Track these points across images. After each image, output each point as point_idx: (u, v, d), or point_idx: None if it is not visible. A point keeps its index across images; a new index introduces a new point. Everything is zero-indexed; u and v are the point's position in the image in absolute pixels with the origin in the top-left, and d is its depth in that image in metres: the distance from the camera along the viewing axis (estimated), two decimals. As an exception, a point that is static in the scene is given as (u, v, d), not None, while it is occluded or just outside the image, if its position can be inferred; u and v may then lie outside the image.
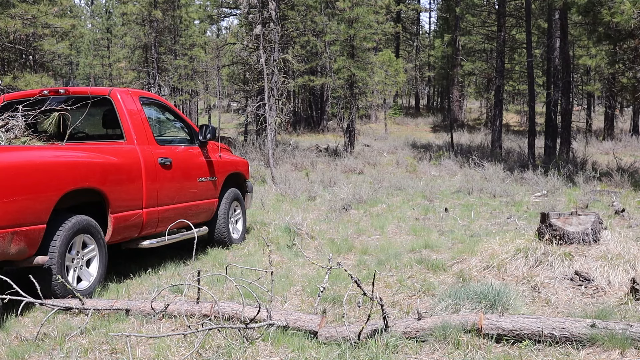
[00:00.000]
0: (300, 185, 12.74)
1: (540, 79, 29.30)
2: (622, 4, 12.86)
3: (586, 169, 14.21)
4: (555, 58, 18.68)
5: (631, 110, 31.02)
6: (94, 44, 50.78)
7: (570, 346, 3.96)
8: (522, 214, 9.56)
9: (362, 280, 5.46)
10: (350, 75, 21.77)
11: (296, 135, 31.42)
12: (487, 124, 32.93)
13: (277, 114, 19.84)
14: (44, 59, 22.66)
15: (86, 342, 4.29)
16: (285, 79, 22.32)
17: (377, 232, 8.55)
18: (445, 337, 4.06)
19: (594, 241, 5.69)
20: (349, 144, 22.18)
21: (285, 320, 4.39)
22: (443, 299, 4.85)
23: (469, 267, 5.89)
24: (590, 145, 22.90)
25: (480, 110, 43.20)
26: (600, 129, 30.74)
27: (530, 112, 19.50)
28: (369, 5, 22.63)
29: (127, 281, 6.02)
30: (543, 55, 26.49)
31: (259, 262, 6.54)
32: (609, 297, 5.02)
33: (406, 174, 16.14)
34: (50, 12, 18.78)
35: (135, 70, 32.77)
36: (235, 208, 7.89)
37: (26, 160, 4.93)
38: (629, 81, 19.39)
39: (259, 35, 18.52)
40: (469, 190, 12.50)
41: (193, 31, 33.92)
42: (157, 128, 7.33)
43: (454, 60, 33.95)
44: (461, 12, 29.79)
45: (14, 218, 4.64)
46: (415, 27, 50.89)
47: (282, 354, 4.06)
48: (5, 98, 6.55)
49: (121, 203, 5.72)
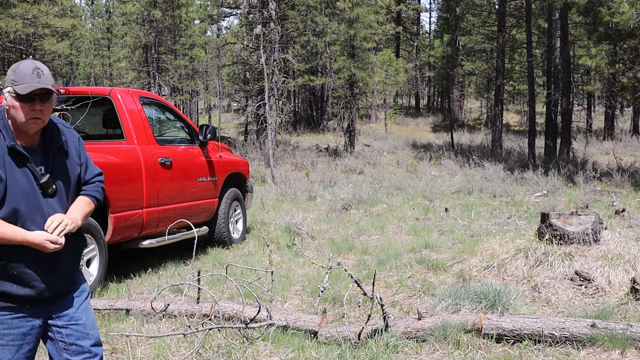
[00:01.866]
0: (301, 185, 12.74)
1: (541, 78, 29.30)
2: (622, 5, 12.86)
3: (586, 169, 14.21)
4: (555, 58, 18.68)
5: (631, 110, 31.02)
6: (94, 44, 50.82)
7: (571, 346, 3.96)
8: (522, 214, 9.56)
9: (362, 280, 5.46)
10: (350, 75, 21.77)
11: (296, 135, 31.42)
12: (487, 124, 32.93)
13: (277, 114, 19.84)
14: (44, 59, 22.66)
15: (86, 341, 4.28)
16: (286, 79, 22.32)
17: (377, 232, 8.55)
18: (445, 337, 4.06)
19: (594, 241, 5.69)
20: (349, 144, 22.18)
21: (285, 320, 4.39)
22: (443, 299, 4.85)
23: (469, 267, 5.89)
24: (591, 145, 22.89)
25: (480, 110, 43.21)
26: (601, 129, 30.74)
27: (531, 112, 19.50)
28: (369, 5, 22.63)
29: (127, 281, 6.02)
30: (543, 55, 26.49)
31: (259, 262, 6.54)
32: (609, 297, 5.02)
33: (406, 174, 16.14)
34: (50, 12, 18.77)
35: (135, 70, 32.78)
36: (235, 208, 7.89)
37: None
38: (629, 81, 19.38)
39: (259, 35, 18.52)
40: (469, 190, 12.50)
41: (193, 31, 33.92)
42: (158, 128, 7.33)
43: (454, 60, 33.96)
44: (461, 12, 29.80)
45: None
46: (416, 27, 50.89)
47: (282, 353, 4.06)
48: (6, 98, 6.55)
49: (121, 203, 5.72)
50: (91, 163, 2.72)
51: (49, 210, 2.45)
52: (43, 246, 2.38)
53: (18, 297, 2.40)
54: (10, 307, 2.41)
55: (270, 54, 20.23)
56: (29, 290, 2.41)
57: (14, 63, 2.57)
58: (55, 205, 2.49)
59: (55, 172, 2.51)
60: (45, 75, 2.44)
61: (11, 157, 2.39)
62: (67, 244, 2.47)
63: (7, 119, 2.45)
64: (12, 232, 2.35)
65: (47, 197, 2.46)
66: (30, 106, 2.40)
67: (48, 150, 2.52)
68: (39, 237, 2.37)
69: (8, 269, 2.38)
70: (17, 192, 2.38)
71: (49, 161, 2.50)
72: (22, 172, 2.40)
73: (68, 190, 2.57)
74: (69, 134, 2.64)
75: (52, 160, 2.51)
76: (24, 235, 2.36)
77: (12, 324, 2.42)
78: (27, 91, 2.37)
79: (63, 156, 2.57)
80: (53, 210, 2.46)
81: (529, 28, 19.68)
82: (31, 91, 2.38)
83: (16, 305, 2.41)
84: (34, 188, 2.42)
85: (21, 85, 2.39)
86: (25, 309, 2.44)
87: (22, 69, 2.42)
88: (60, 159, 2.55)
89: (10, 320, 2.41)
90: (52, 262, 2.46)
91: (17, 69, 2.43)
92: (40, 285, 2.43)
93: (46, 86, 2.41)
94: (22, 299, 2.41)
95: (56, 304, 2.53)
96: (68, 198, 2.57)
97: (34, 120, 2.43)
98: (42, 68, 2.45)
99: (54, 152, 2.53)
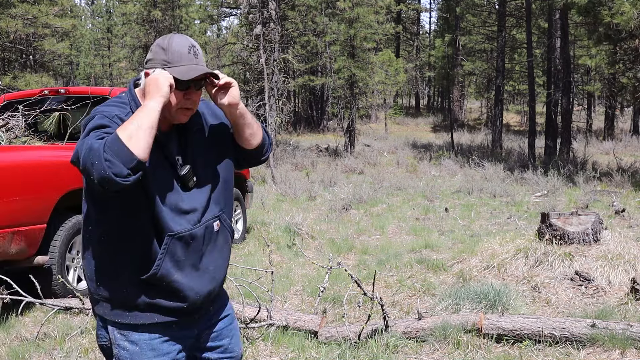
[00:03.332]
0: (301, 185, 12.74)
1: (541, 79, 29.28)
2: (622, 5, 12.85)
3: (586, 169, 14.21)
4: (555, 58, 18.67)
5: (631, 110, 31.01)
6: (95, 44, 50.80)
7: (571, 346, 3.96)
8: (523, 214, 9.55)
9: (363, 280, 5.46)
10: (350, 75, 21.77)
11: (296, 135, 31.40)
12: (488, 124, 32.90)
13: (277, 114, 19.83)
14: (44, 59, 22.67)
15: (86, 341, 4.29)
16: (286, 79, 22.30)
17: (377, 232, 8.55)
18: (445, 337, 4.06)
19: (594, 241, 5.69)
20: (349, 144, 22.17)
21: (285, 320, 4.39)
22: (443, 298, 4.86)
23: (469, 267, 5.89)
24: (591, 145, 22.87)
25: (480, 110, 43.19)
26: (601, 129, 30.72)
27: (531, 112, 19.49)
28: (370, 5, 22.61)
29: (127, 281, 6.01)
30: (543, 55, 26.49)
31: (259, 262, 6.54)
32: (609, 297, 5.02)
33: (406, 174, 16.13)
34: (50, 12, 18.79)
35: (135, 70, 32.76)
36: (235, 208, 7.89)
37: (26, 160, 4.93)
38: (629, 81, 19.38)
39: (259, 35, 18.52)
40: (469, 190, 12.49)
41: (193, 31, 33.91)
42: (158, 128, 7.31)
43: (454, 60, 33.93)
44: (461, 12, 29.77)
45: (15, 218, 4.64)
46: (416, 27, 50.86)
47: (282, 354, 4.06)
48: (6, 98, 6.55)
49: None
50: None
51: (190, 205, 2.06)
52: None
53: (169, 310, 2.06)
54: (161, 324, 2.06)
55: (270, 54, 20.23)
56: (178, 303, 2.06)
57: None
58: (199, 199, 2.08)
59: (196, 160, 2.09)
60: (201, 55, 2.03)
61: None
62: (216, 232, 2.12)
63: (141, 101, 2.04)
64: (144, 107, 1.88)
65: (186, 190, 2.06)
66: (184, 94, 2.00)
67: (185, 136, 2.10)
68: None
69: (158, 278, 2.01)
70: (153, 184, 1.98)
71: (187, 149, 2.09)
72: (155, 159, 1.97)
73: (213, 178, 2.13)
74: (203, 105, 2.20)
75: (191, 146, 2.10)
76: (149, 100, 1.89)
77: (162, 349, 2.07)
78: (189, 77, 1.95)
79: (203, 135, 2.14)
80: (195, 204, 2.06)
81: (529, 28, 19.67)
82: (195, 77, 1.97)
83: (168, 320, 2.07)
84: (169, 179, 2.03)
85: (178, 68, 1.96)
86: (172, 330, 2.09)
87: (176, 46, 1.98)
88: (199, 141, 2.12)
89: (160, 344, 2.07)
90: (197, 260, 2.08)
91: (169, 47, 1.99)
92: (191, 294, 2.06)
93: (208, 70, 2.01)
94: (172, 311, 2.06)
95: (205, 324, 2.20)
96: (212, 189, 2.12)
97: (184, 110, 2.03)
98: (196, 45, 2.02)
99: (192, 135, 2.11)
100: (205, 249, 2.09)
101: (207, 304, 2.17)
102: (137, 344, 2.04)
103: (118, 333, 2.06)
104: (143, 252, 2.01)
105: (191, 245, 2.05)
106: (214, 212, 2.12)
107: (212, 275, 2.13)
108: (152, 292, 2.03)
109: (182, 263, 2.03)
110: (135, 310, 2.04)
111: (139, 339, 2.04)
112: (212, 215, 2.12)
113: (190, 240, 2.04)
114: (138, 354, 2.04)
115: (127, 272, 2.02)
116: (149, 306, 2.04)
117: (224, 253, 2.19)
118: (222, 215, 2.16)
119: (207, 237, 2.10)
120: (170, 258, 2.01)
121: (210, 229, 2.10)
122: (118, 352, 2.07)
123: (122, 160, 1.75)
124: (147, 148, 1.81)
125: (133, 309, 2.04)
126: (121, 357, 2.07)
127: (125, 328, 2.05)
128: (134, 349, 2.04)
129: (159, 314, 2.05)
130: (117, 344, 2.06)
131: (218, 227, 2.14)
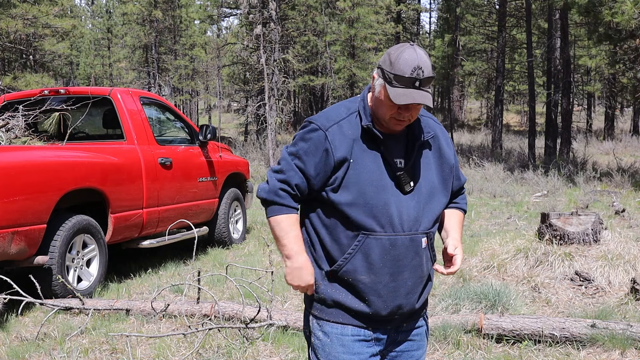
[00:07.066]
0: (301, 185, 12.72)
1: (541, 79, 29.28)
2: (623, 4, 12.85)
3: (586, 169, 14.21)
4: (555, 58, 18.67)
5: (631, 110, 31.02)
6: (95, 44, 50.79)
7: (571, 346, 3.96)
8: (523, 214, 9.55)
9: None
10: (350, 75, 21.78)
11: (296, 135, 31.38)
12: (488, 124, 32.92)
13: (277, 114, 19.84)
14: (45, 59, 22.66)
15: (86, 342, 4.29)
16: (286, 79, 22.30)
17: (377, 232, 8.54)
18: (445, 337, 4.06)
19: (594, 241, 5.69)
20: (350, 144, 22.16)
21: (285, 320, 4.39)
22: (443, 299, 4.86)
23: (469, 267, 5.89)
24: (591, 146, 22.87)
25: (480, 110, 43.19)
26: (601, 129, 30.72)
27: (531, 112, 19.49)
28: (370, 5, 22.63)
29: (127, 281, 6.02)
30: (543, 55, 26.47)
31: (259, 262, 6.54)
32: (609, 297, 5.02)
33: (406, 174, 16.10)
34: (50, 12, 18.78)
35: (135, 70, 32.78)
36: (235, 208, 7.89)
37: (27, 160, 4.94)
38: (629, 81, 19.40)
39: (259, 35, 18.52)
40: (469, 190, 12.49)
41: (193, 31, 33.92)
42: (158, 128, 7.34)
43: (454, 60, 33.91)
44: (461, 12, 29.76)
45: (15, 218, 4.64)
46: (416, 27, 50.84)
47: (282, 354, 4.06)
48: (6, 98, 6.56)
49: (121, 203, 5.72)
50: (459, 168, 2.23)
51: (398, 210, 1.99)
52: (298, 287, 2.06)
53: (354, 312, 2.04)
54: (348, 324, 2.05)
55: (270, 54, 20.23)
56: (363, 306, 2.03)
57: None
58: (409, 207, 2.01)
59: (417, 170, 2.05)
60: (425, 76, 1.92)
61: (362, 139, 2.00)
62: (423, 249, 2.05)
63: (369, 101, 2.06)
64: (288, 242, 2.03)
65: (398, 194, 2.01)
66: (399, 109, 1.97)
67: (413, 143, 2.07)
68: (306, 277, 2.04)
69: (344, 274, 2.00)
70: (364, 178, 1.97)
71: (412, 155, 2.04)
72: (373, 156, 1.99)
73: (429, 195, 2.07)
74: (439, 129, 2.16)
75: (416, 154, 2.06)
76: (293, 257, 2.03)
77: (353, 348, 2.04)
78: (399, 102, 1.92)
79: (430, 153, 2.11)
80: (403, 211, 2.00)
81: (529, 28, 19.67)
82: (405, 104, 1.93)
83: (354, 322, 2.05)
84: (383, 178, 1.99)
85: (394, 89, 1.93)
86: (366, 331, 2.05)
87: (401, 64, 1.91)
88: (426, 156, 2.09)
89: (352, 342, 2.04)
90: (397, 270, 2.01)
91: (395, 62, 1.92)
92: (377, 301, 2.01)
93: (425, 102, 1.93)
94: (357, 314, 2.04)
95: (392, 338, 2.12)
96: (426, 203, 2.05)
97: (397, 122, 2.01)
98: (423, 67, 1.91)
99: (419, 145, 2.07)
100: (409, 262, 2.03)
101: (399, 319, 2.10)
102: (329, 335, 2.07)
103: (315, 322, 2.12)
104: (339, 246, 2.03)
105: (390, 253, 2.00)
106: (425, 227, 2.06)
107: (407, 291, 2.05)
108: (338, 288, 2.04)
109: (376, 267, 2.00)
110: (323, 304, 2.09)
111: (331, 331, 2.07)
112: (423, 230, 2.05)
113: (390, 247, 2.00)
114: (329, 346, 2.07)
115: (322, 264, 2.07)
116: (335, 303, 2.06)
117: (423, 273, 2.10)
118: (431, 234, 2.09)
119: (413, 251, 2.03)
120: (362, 257, 1.99)
121: (417, 243, 2.04)
122: (314, 340, 2.12)
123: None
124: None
125: (322, 303, 2.09)
126: (315, 346, 2.11)
127: (320, 318, 2.10)
128: (326, 339, 2.08)
129: (344, 312, 2.05)
130: (314, 333, 2.12)
131: (425, 244, 2.07)
